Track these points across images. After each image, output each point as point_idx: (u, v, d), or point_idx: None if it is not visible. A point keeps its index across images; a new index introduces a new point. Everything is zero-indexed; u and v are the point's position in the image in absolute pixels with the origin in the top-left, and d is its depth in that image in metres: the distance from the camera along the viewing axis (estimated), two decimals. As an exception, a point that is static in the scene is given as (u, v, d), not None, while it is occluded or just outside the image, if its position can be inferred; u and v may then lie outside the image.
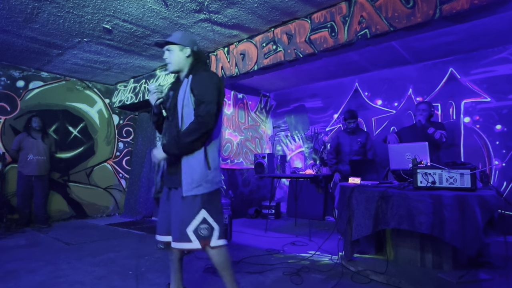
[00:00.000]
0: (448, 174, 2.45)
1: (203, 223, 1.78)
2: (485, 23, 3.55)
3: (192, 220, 1.78)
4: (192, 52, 1.93)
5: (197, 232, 1.78)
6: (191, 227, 1.77)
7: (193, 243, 1.78)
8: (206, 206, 1.80)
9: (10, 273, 2.75)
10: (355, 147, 4.35)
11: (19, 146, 4.79)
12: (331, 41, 3.28)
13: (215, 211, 1.83)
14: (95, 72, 5.50)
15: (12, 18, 3.59)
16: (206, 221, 1.79)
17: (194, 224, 1.78)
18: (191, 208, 1.79)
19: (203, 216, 1.79)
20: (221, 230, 1.83)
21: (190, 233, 1.78)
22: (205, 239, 1.78)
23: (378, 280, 2.53)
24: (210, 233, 1.79)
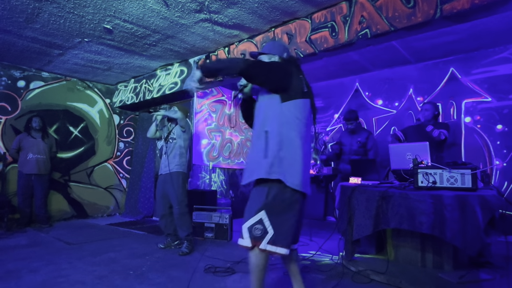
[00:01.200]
0: (449, 174, 2.45)
1: (259, 224, 1.72)
2: (486, 23, 3.55)
3: (251, 216, 1.75)
4: (280, 59, 1.95)
5: (252, 231, 1.73)
6: (248, 224, 1.75)
7: (244, 240, 1.75)
8: (268, 206, 1.72)
9: (11, 272, 2.76)
10: (354, 146, 4.37)
11: (19, 145, 4.81)
12: (331, 41, 3.27)
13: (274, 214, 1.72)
14: (95, 72, 5.51)
15: (13, 18, 3.59)
16: (262, 222, 1.72)
17: (251, 221, 1.74)
18: (252, 202, 1.78)
19: (261, 217, 1.72)
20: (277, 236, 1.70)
21: (245, 229, 1.76)
22: (256, 239, 1.71)
23: (378, 280, 2.52)
24: (262, 236, 1.71)
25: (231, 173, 5.99)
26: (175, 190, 3.47)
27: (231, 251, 3.45)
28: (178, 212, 3.45)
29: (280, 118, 1.77)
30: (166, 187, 3.52)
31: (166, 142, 3.65)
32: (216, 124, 5.84)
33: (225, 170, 5.91)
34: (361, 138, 4.35)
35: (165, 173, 3.56)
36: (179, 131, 3.63)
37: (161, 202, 3.58)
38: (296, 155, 1.74)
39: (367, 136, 4.37)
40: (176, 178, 3.50)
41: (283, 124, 1.76)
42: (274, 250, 1.69)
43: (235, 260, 3.08)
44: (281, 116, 1.77)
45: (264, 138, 1.77)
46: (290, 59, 1.97)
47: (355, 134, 4.41)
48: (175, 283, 2.52)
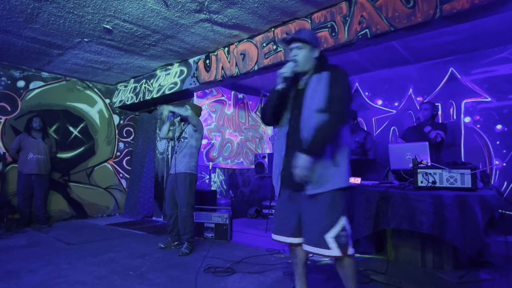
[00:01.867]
0: (449, 174, 2.45)
1: (343, 231, 1.71)
2: (486, 23, 3.55)
3: (333, 226, 1.71)
4: (320, 55, 1.91)
5: (339, 239, 1.70)
6: (332, 234, 1.70)
7: (332, 250, 1.70)
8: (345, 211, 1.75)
9: (10, 273, 2.75)
10: (352, 146, 4.33)
11: (19, 145, 4.80)
12: (331, 41, 3.28)
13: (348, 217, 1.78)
14: (95, 72, 5.51)
15: (12, 18, 3.59)
16: (345, 228, 1.73)
17: (335, 230, 1.71)
18: (332, 212, 1.73)
19: (343, 223, 1.73)
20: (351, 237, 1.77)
21: (329, 239, 1.70)
22: (344, 247, 1.71)
23: (378, 280, 2.52)
24: (348, 241, 1.72)
25: (231, 173, 5.99)
26: (181, 191, 3.43)
27: (231, 251, 3.45)
28: (182, 215, 3.43)
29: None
30: (174, 187, 3.51)
31: (178, 141, 3.61)
32: (216, 124, 5.84)
33: (225, 170, 5.91)
34: (359, 138, 4.32)
35: (173, 173, 3.53)
36: (191, 130, 3.58)
37: (170, 202, 3.56)
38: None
39: (365, 136, 4.34)
40: (183, 180, 3.45)
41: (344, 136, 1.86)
42: (353, 252, 1.76)
43: (235, 260, 3.08)
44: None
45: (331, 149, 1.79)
46: (323, 54, 1.95)
47: (353, 134, 4.39)
48: (175, 283, 2.52)
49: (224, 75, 4.29)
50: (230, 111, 6.16)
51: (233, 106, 6.23)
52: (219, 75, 4.35)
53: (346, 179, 1.78)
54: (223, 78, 4.32)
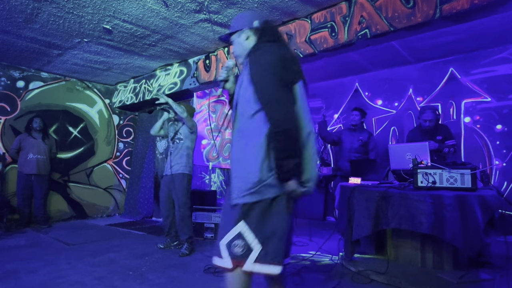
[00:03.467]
0: (449, 174, 2.45)
1: (238, 239, 1.35)
2: (485, 23, 3.54)
3: (228, 231, 1.39)
4: (253, 32, 1.54)
5: (230, 248, 1.36)
6: (225, 240, 1.38)
7: (223, 259, 1.38)
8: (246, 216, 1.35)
9: (10, 273, 2.75)
10: (355, 144, 4.29)
11: (19, 146, 4.80)
12: (331, 41, 3.27)
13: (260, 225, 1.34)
14: (95, 73, 5.50)
15: (12, 19, 3.59)
16: (242, 238, 1.34)
17: (228, 237, 1.38)
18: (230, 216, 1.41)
19: (240, 230, 1.35)
20: (267, 252, 1.34)
21: (222, 246, 1.39)
22: (237, 259, 1.35)
23: (378, 280, 2.52)
24: (245, 254, 1.34)
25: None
26: (178, 192, 3.43)
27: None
28: (180, 215, 3.42)
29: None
30: (170, 188, 3.49)
31: (173, 142, 3.60)
32: (215, 124, 5.84)
33: (225, 171, 5.91)
34: (363, 137, 4.30)
35: (169, 174, 3.51)
36: (186, 132, 3.57)
37: (166, 203, 3.55)
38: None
39: (369, 137, 4.33)
40: (180, 180, 3.45)
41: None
42: (265, 270, 1.34)
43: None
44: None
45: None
46: (264, 27, 1.53)
47: (356, 132, 4.35)
48: (175, 283, 2.51)
49: (224, 75, 4.28)
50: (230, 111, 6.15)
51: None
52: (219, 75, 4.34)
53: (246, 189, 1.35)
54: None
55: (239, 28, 1.57)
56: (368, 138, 4.31)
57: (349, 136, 4.38)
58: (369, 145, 4.29)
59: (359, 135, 4.32)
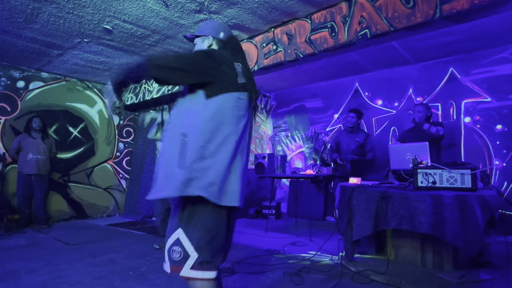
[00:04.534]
0: (449, 174, 2.45)
1: (176, 245, 1.36)
2: (485, 23, 3.55)
3: (169, 237, 1.41)
4: (216, 41, 1.62)
5: (170, 254, 1.39)
6: (167, 245, 1.41)
7: (165, 264, 1.42)
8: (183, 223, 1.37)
9: (10, 273, 2.75)
10: (352, 146, 4.35)
11: (19, 146, 4.80)
12: (331, 41, 3.28)
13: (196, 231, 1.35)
14: (95, 73, 5.51)
15: (12, 19, 3.59)
16: (180, 244, 1.36)
17: (169, 243, 1.40)
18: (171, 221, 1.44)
19: (178, 237, 1.37)
20: (202, 259, 1.34)
21: (165, 252, 1.42)
22: (176, 264, 1.36)
23: (378, 280, 2.52)
24: (183, 260, 1.35)
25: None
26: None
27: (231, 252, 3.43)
28: None
29: (203, 117, 1.36)
30: None
31: None
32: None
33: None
34: (359, 138, 4.35)
35: None
36: None
37: (160, 205, 3.54)
38: (224, 163, 1.36)
39: (365, 138, 4.36)
40: None
41: (206, 125, 1.35)
42: (201, 276, 1.34)
43: (235, 261, 3.08)
44: (204, 115, 1.37)
45: (180, 143, 1.37)
46: (228, 41, 1.62)
47: (353, 134, 4.40)
48: (175, 283, 2.51)
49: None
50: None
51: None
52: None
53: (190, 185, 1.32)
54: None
55: (204, 34, 1.64)
56: (365, 139, 4.34)
57: (346, 138, 4.44)
58: (366, 146, 4.33)
59: (355, 136, 4.36)
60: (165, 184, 1.35)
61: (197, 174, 1.32)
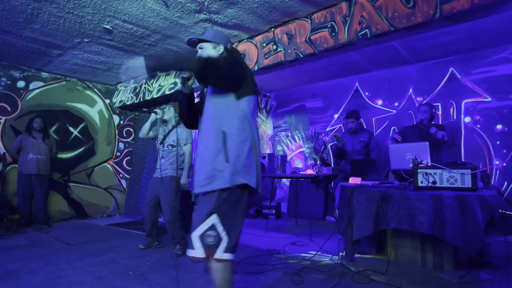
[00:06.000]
0: (449, 174, 2.45)
1: (211, 230, 1.55)
2: (486, 23, 3.54)
3: (200, 223, 1.58)
4: (226, 50, 1.82)
5: (204, 239, 1.55)
6: (198, 232, 1.57)
7: (195, 250, 1.57)
8: (218, 210, 1.56)
9: (10, 273, 2.76)
10: (357, 146, 4.35)
11: (20, 146, 4.81)
12: (331, 41, 3.27)
13: (228, 217, 1.57)
14: (95, 73, 5.51)
15: (12, 19, 3.59)
16: (215, 228, 1.55)
17: (201, 228, 1.57)
18: (201, 209, 1.61)
19: (213, 222, 1.55)
20: (233, 242, 1.57)
21: (195, 238, 1.58)
22: (210, 248, 1.54)
23: (378, 280, 2.52)
24: (217, 243, 1.54)
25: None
26: (168, 195, 3.38)
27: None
28: (169, 219, 3.38)
29: (239, 117, 1.64)
30: (160, 190, 3.43)
31: (162, 145, 3.53)
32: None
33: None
34: (364, 138, 4.34)
35: (159, 177, 3.47)
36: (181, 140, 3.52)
37: (151, 204, 3.49)
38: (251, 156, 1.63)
39: (369, 137, 4.36)
40: (170, 183, 3.41)
41: (242, 124, 1.63)
42: (230, 257, 1.55)
43: (235, 260, 3.07)
44: (239, 115, 1.64)
45: (222, 140, 1.61)
46: (232, 50, 1.85)
47: (357, 135, 4.40)
48: (175, 283, 2.52)
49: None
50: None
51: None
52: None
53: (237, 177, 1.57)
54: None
55: (217, 42, 1.81)
56: (369, 138, 4.34)
57: (350, 139, 4.43)
58: (370, 145, 4.33)
59: (360, 137, 4.36)
60: (215, 177, 1.57)
61: (240, 167, 1.58)
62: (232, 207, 1.59)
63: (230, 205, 1.58)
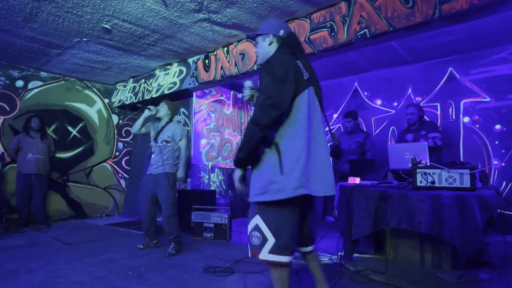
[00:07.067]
0: (448, 174, 2.45)
1: (255, 231, 1.59)
2: (484, 23, 3.55)
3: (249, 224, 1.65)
4: (276, 39, 1.74)
5: (250, 239, 1.62)
6: (248, 231, 1.65)
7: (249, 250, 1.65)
8: (261, 210, 1.60)
9: (9, 273, 2.75)
10: (352, 146, 4.42)
11: (18, 146, 4.79)
12: (330, 41, 3.28)
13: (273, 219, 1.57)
14: (94, 72, 5.50)
15: (11, 18, 3.58)
16: (258, 229, 1.58)
17: (249, 228, 1.64)
18: (251, 213, 1.67)
19: (256, 223, 1.59)
20: (279, 243, 1.55)
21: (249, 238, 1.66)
22: (255, 249, 1.59)
23: (377, 280, 2.53)
24: (261, 244, 1.56)
25: (230, 173, 5.98)
26: (164, 192, 3.37)
27: (230, 251, 3.45)
28: (167, 215, 3.37)
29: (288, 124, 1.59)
30: (157, 187, 3.41)
31: (155, 141, 3.52)
32: (215, 124, 5.84)
33: (224, 170, 5.91)
34: (359, 138, 4.40)
35: (153, 174, 3.45)
36: (176, 136, 3.53)
37: (146, 202, 3.47)
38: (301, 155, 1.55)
39: (365, 137, 4.40)
40: (165, 180, 3.40)
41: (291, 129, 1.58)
42: (277, 259, 1.55)
43: (234, 260, 3.08)
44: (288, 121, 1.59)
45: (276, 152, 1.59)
46: (287, 38, 1.75)
47: (353, 135, 4.47)
48: (174, 283, 2.52)
49: (223, 75, 4.29)
50: (229, 111, 6.16)
51: (232, 106, 6.23)
52: (218, 75, 4.35)
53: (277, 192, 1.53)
54: (222, 78, 4.32)
55: (265, 32, 1.77)
56: (365, 138, 4.39)
57: (346, 139, 4.52)
58: (365, 146, 4.37)
59: (355, 137, 4.43)
60: (267, 189, 1.54)
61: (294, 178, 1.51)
62: (279, 209, 1.57)
63: (277, 207, 1.57)
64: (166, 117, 3.63)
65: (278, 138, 1.57)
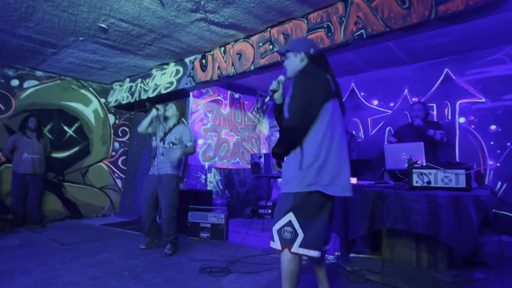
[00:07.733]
0: (443, 174, 2.46)
1: (288, 226, 1.75)
2: (480, 24, 3.57)
3: (279, 219, 1.78)
4: (307, 56, 1.95)
5: (281, 233, 1.76)
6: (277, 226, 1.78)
7: (274, 242, 1.80)
8: (296, 208, 1.75)
9: (4, 273, 2.73)
10: None
11: (14, 145, 4.76)
12: (327, 41, 3.28)
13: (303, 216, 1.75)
14: (90, 71, 5.47)
15: (6, 17, 3.55)
16: (291, 225, 1.74)
17: (279, 224, 1.77)
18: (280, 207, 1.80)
19: (290, 219, 1.75)
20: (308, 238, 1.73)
21: (275, 232, 1.79)
22: (286, 242, 1.75)
23: (373, 279, 2.53)
24: (293, 238, 1.73)
25: (227, 173, 5.98)
26: (167, 193, 3.36)
27: (226, 251, 3.44)
28: (168, 216, 3.36)
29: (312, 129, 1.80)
30: (161, 187, 3.40)
31: (162, 142, 3.50)
32: (212, 124, 5.83)
33: (221, 170, 5.90)
34: None
35: (156, 175, 3.42)
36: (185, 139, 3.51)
37: (148, 202, 3.44)
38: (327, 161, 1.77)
39: (350, 138, 4.43)
40: (169, 181, 3.39)
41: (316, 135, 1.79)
42: (307, 253, 1.72)
43: (231, 260, 3.07)
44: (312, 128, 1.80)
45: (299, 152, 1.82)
46: (317, 55, 1.96)
47: None
48: (170, 283, 2.51)
49: (220, 74, 4.28)
50: (226, 111, 6.15)
51: (229, 106, 6.22)
52: (215, 74, 4.35)
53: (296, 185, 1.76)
54: (219, 78, 4.31)
55: (298, 50, 1.95)
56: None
57: None
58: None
59: None
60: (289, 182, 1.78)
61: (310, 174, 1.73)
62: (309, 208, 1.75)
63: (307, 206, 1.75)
64: (174, 118, 3.62)
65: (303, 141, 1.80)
